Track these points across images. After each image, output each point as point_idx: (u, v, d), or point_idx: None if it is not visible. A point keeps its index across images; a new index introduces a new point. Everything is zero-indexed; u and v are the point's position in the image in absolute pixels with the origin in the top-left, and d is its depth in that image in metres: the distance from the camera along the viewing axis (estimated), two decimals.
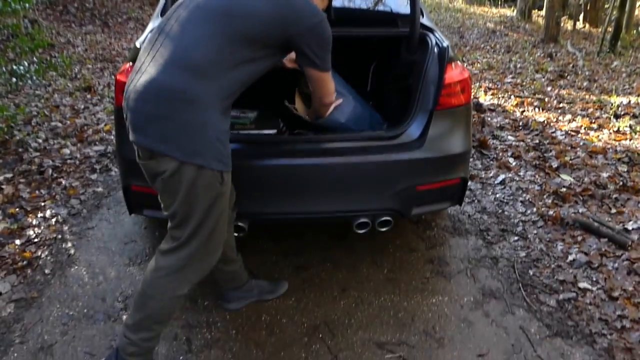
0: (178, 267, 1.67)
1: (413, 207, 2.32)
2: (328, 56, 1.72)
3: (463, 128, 2.34)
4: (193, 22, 1.55)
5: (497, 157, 3.94)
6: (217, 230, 1.68)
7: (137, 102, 1.52)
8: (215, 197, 1.60)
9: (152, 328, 1.73)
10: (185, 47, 1.52)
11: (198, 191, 1.55)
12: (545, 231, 2.92)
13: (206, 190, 1.56)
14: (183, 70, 1.49)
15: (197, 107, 1.50)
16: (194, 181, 1.53)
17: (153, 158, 1.55)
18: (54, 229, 2.89)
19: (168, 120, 1.49)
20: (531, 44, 9.06)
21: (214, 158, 1.54)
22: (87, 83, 5.94)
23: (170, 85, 1.49)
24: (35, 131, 4.33)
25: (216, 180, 1.57)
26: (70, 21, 9.03)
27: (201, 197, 1.57)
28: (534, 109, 5.22)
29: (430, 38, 2.43)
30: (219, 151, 1.55)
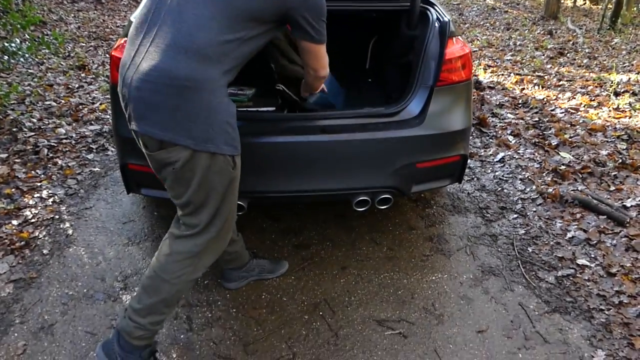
0: (195, 252, 1.67)
1: (413, 184, 2.31)
2: (323, 27, 1.67)
3: (463, 104, 2.31)
4: (192, 2, 1.48)
5: (497, 135, 3.91)
6: (232, 213, 1.70)
7: (142, 91, 1.46)
8: (229, 182, 1.60)
9: (162, 311, 1.73)
10: (189, 31, 1.45)
11: (213, 178, 1.54)
12: (544, 209, 2.92)
13: (220, 176, 1.56)
14: (189, 56, 1.44)
15: (206, 92, 1.46)
16: (207, 168, 1.52)
17: (163, 148, 1.51)
18: (51, 209, 2.87)
19: (177, 108, 1.45)
20: (531, 21, 8.96)
21: (226, 143, 1.52)
22: (81, 61, 5.85)
23: (178, 73, 1.43)
24: (29, 110, 4.27)
25: (228, 165, 1.56)
26: None
27: (216, 183, 1.56)
28: (534, 87, 5.17)
29: (431, 12, 2.38)
30: (229, 135, 1.54)
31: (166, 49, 1.45)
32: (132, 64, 1.50)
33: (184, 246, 1.67)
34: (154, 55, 1.45)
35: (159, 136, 1.49)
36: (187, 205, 1.62)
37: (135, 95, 1.48)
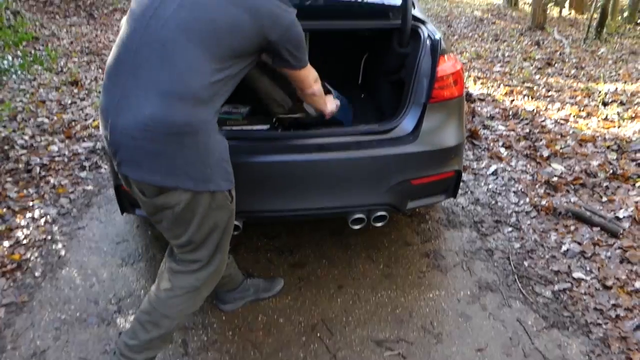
0: (196, 286, 1.68)
1: (408, 201, 2.31)
2: (303, 53, 1.69)
3: (456, 120, 2.32)
4: (180, 44, 1.43)
5: (489, 148, 3.94)
6: (227, 242, 1.72)
7: (139, 140, 1.42)
8: (229, 216, 1.63)
9: (159, 346, 1.73)
10: (182, 76, 1.42)
11: (214, 215, 1.56)
12: (538, 221, 2.94)
13: (220, 212, 1.58)
14: (185, 102, 1.41)
15: (202, 135, 1.46)
16: (208, 207, 1.53)
17: (162, 193, 1.50)
18: (43, 229, 2.83)
19: (177, 154, 1.43)
20: (518, 32, 9.08)
21: (223, 179, 1.55)
22: (74, 77, 5.83)
23: (175, 120, 1.41)
24: (21, 127, 4.23)
25: (227, 199, 1.59)
26: (54, 12, 8.83)
27: (217, 220, 1.59)
28: (523, 98, 5.23)
29: (422, 30, 2.40)
30: (226, 171, 1.56)
31: (160, 95, 1.40)
32: (119, 109, 1.44)
33: (185, 281, 1.67)
34: (146, 103, 1.40)
35: (159, 183, 1.47)
36: (187, 244, 1.62)
37: (130, 144, 1.44)
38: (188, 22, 1.44)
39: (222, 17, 1.46)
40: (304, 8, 2.64)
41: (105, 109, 1.49)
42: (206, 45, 1.44)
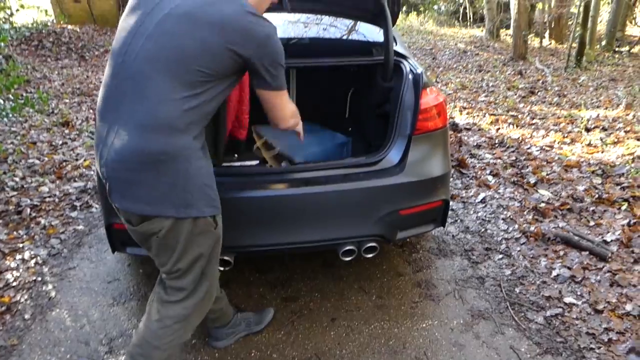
0: (185, 315, 1.68)
1: (397, 231, 2.34)
2: (281, 73, 1.61)
3: (441, 151, 2.38)
4: (151, 77, 1.46)
5: (477, 176, 4.00)
6: (216, 271, 1.72)
7: (118, 171, 1.49)
8: (214, 242, 1.63)
9: None
10: (150, 108, 1.45)
11: (197, 241, 1.57)
12: (528, 247, 2.97)
13: (204, 238, 1.58)
14: (157, 132, 1.45)
15: (181, 161, 1.49)
16: (190, 233, 1.54)
17: (145, 220, 1.53)
18: (33, 271, 2.82)
19: (156, 182, 1.48)
20: (501, 62, 9.33)
21: (206, 205, 1.55)
22: (65, 118, 5.88)
23: (150, 150, 1.46)
24: (12, 169, 4.24)
25: (211, 226, 1.59)
26: (46, 56, 8.97)
27: (202, 246, 1.59)
28: (509, 126, 5.34)
29: (404, 65, 2.49)
30: (209, 196, 1.56)
31: (134, 128, 1.46)
32: (105, 144, 1.51)
33: (173, 311, 1.67)
34: (124, 135, 1.46)
35: (141, 211, 1.51)
36: (174, 271, 1.63)
37: (113, 176, 1.51)
38: (154, 53, 1.46)
39: (189, 42, 1.45)
40: (291, 47, 2.74)
41: (96, 144, 1.56)
42: (174, 74, 1.45)
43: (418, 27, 15.05)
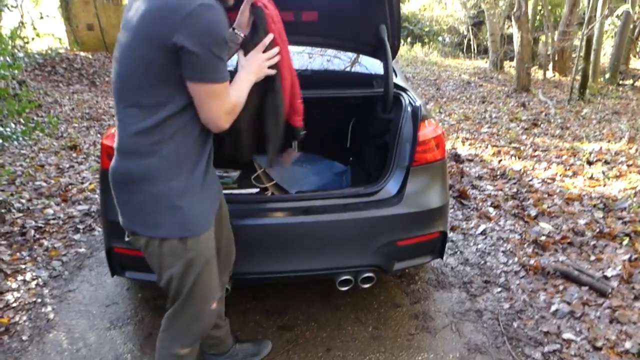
0: (165, 325, 1.75)
1: (395, 262, 2.35)
2: (217, 61, 1.38)
3: (439, 182, 2.41)
4: (117, 102, 1.51)
5: (477, 207, 4.02)
6: (197, 294, 1.67)
7: (112, 189, 1.61)
8: (184, 264, 1.58)
9: None
10: (120, 132, 1.52)
11: (168, 260, 1.58)
12: (527, 281, 2.96)
13: (174, 258, 1.57)
14: (124, 155, 1.52)
15: (149, 183, 1.49)
16: (160, 254, 1.57)
17: (131, 235, 1.62)
18: (33, 292, 2.84)
19: (129, 201, 1.55)
20: (505, 94, 9.43)
21: (176, 226, 1.52)
22: (73, 142, 5.99)
23: (120, 171, 1.54)
24: (19, 191, 4.31)
25: (179, 248, 1.55)
26: (58, 81, 9.18)
27: (171, 267, 1.59)
28: (511, 158, 5.37)
29: (403, 97, 2.55)
30: (179, 218, 1.52)
31: (115, 150, 1.57)
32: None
33: (163, 319, 1.77)
34: (114, 157, 1.58)
35: (124, 226, 1.60)
36: (160, 282, 1.68)
37: (113, 193, 1.62)
38: (114, 80, 1.50)
39: (126, 59, 1.43)
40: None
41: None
42: (123, 97, 1.48)
43: (423, 58, 15.29)
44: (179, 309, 1.69)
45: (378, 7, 2.54)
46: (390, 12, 2.57)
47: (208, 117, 1.48)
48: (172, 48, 1.33)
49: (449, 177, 4.70)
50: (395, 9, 2.55)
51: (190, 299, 1.66)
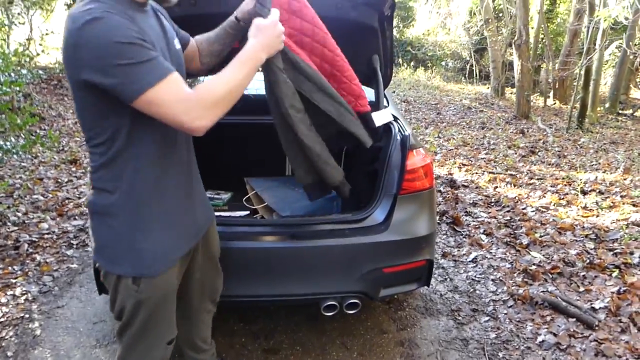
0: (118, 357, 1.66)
1: (380, 289, 2.36)
2: (131, 69, 1.21)
3: (427, 211, 2.44)
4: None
5: (470, 234, 4.03)
6: (148, 331, 1.57)
7: None
8: (134, 303, 1.49)
9: None
10: (90, 166, 1.48)
11: (120, 296, 1.51)
12: (515, 311, 2.96)
13: (125, 296, 1.49)
14: (92, 188, 1.47)
15: (109, 217, 1.44)
16: (115, 287, 1.50)
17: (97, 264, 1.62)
18: (22, 307, 2.85)
19: (94, 232, 1.50)
20: (504, 120, 9.51)
21: (130, 265, 1.46)
22: (74, 156, 6.05)
23: (88, 201, 1.49)
24: (16, 204, 4.35)
25: (131, 287, 1.47)
26: (63, 95, 9.28)
27: (124, 302, 1.51)
28: (506, 185, 5.41)
29: (393, 126, 2.59)
30: (134, 256, 1.46)
31: None
32: None
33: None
34: None
35: (92, 254, 1.58)
36: (116, 318, 1.61)
37: None
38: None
39: (74, 100, 1.37)
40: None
41: None
42: (84, 134, 1.44)
43: (425, 82, 15.44)
44: (129, 342, 1.59)
45: (371, 37, 2.61)
46: (383, 42, 2.63)
47: (173, 124, 1.31)
48: (88, 84, 1.25)
49: (444, 202, 4.73)
50: (388, 40, 2.62)
51: (140, 335, 1.57)
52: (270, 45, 1.48)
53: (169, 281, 1.55)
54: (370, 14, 2.43)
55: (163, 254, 1.51)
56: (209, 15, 2.38)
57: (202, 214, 1.71)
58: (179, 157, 1.53)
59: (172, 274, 1.56)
